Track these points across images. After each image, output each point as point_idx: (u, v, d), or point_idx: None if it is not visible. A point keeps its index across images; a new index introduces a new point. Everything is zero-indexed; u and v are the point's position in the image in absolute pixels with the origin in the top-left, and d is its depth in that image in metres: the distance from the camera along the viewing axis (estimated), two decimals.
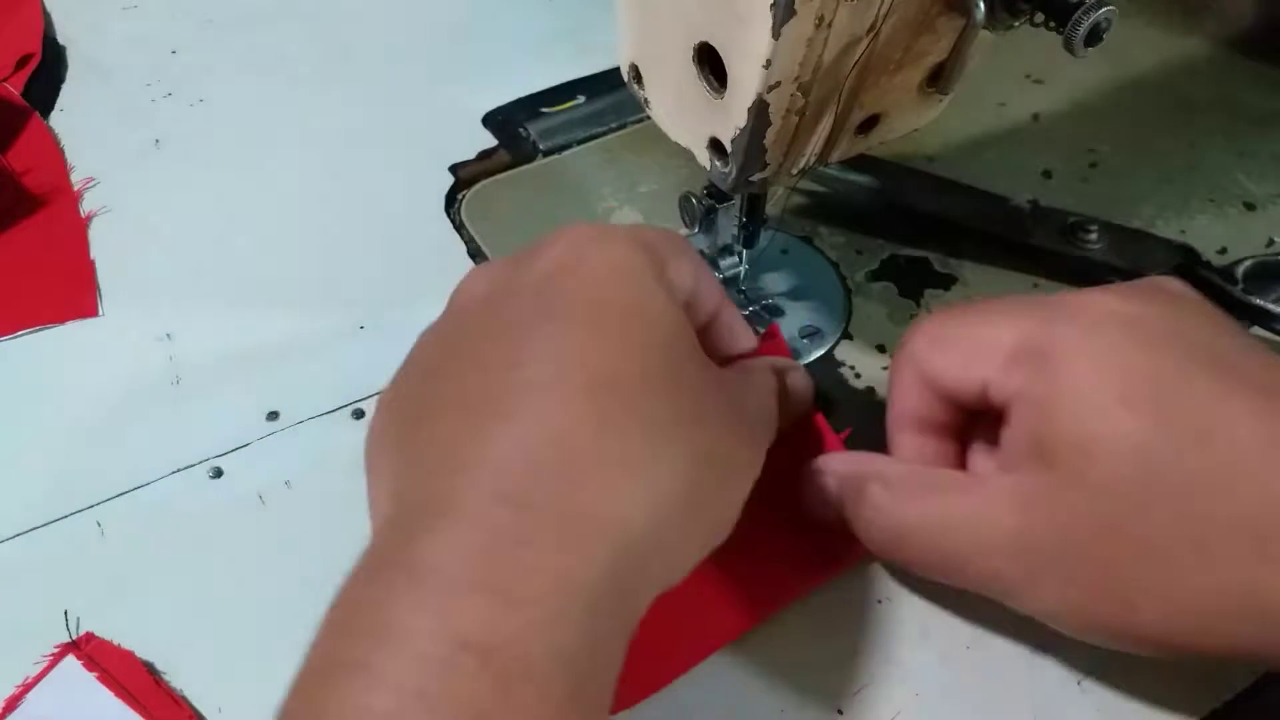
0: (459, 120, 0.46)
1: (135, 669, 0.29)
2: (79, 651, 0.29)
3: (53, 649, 0.30)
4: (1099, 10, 0.24)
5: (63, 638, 0.30)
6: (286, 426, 0.35)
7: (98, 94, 0.48)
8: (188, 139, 0.46)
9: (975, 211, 0.41)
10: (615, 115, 0.47)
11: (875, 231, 0.42)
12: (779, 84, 0.26)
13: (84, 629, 0.30)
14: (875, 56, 0.27)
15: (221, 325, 0.39)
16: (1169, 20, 0.52)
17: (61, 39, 0.51)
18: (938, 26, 0.27)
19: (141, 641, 0.30)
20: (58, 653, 0.29)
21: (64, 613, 0.30)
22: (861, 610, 0.31)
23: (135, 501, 0.33)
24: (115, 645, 0.30)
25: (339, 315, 0.39)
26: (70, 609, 0.31)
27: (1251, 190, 0.44)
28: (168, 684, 0.29)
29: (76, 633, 0.30)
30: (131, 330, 0.38)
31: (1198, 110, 0.48)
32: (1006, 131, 0.46)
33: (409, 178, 0.44)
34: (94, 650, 0.29)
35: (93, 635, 0.30)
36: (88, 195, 0.43)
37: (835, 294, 0.39)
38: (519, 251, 0.28)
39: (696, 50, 0.28)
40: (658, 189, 0.44)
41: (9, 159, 0.44)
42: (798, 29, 0.25)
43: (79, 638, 0.30)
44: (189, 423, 0.35)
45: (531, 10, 0.53)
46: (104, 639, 0.30)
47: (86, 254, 0.41)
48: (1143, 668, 0.30)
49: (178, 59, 0.50)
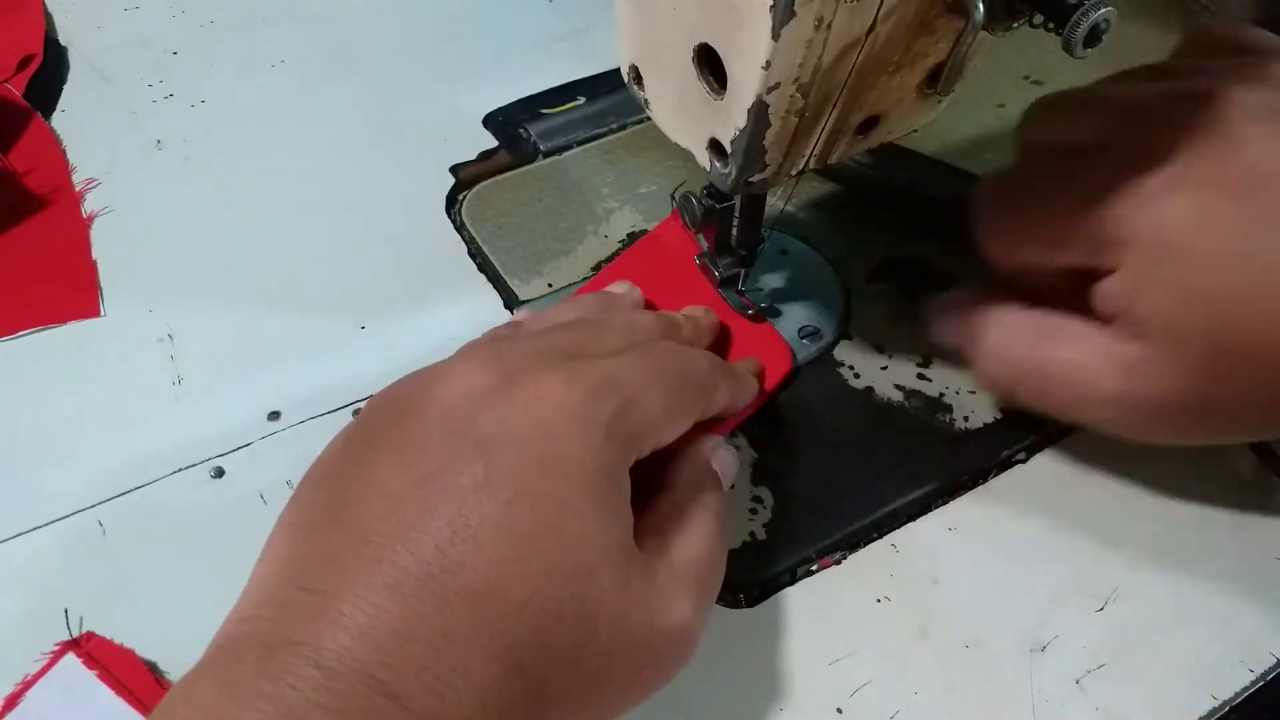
0: (459, 121, 0.47)
1: (135, 667, 0.29)
2: (79, 650, 0.29)
3: (53, 647, 0.30)
4: (1098, 11, 0.25)
5: (64, 636, 0.30)
6: (288, 426, 0.36)
7: (99, 95, 0.48)
8: (189, 140, 0.46)
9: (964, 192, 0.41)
10: (615, 116, 0.47)
11: (870, 217, 0.42)
12: (778, 85, 0.26)
13: (85, 628, 0.30)
14: (874, 58, 0.27)
15: (223, 325, 0.39)
16: (1167, 21, 0.52)
17: (63, 40, 0.51)
18: (937, 27, 0.27)
19: (143, 640, 0.30)
20: (57, 651, 0.30)
21: (64, 611, 0.31)
22: (861, 609, 0.31)
23: (137, 501, 0.34)
24: (115, 643, 0.30)
25: (340, 315, 0.39)
26: (71, 608, 0.31)
27: None
28: (169, 683, 0.29)
29: (78, 631, 0.30)
30: (133, 330, 0.38)
31: None
32: (1005, 132, 0.46)
33: (410, 178, 0.44)
34: (94, 648, 0.30)
35: (93, 634, 0.30)
36: (89, 196, 0.43)
37: (834, 294, 0.40)
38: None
39: (696, 51, 0.28)
40: (658, 190, 0.44)
41: (11, 159, 0.44)
42: (797, 30, 0.25)
43: (79, 636, 0.30)
44: (190, 423, 0.36)
45: (531, 11, 0.53)
46: (104, 637, 0.30)
47: (88, 254, 0.41)
48: (1140, 667, 0.30)
49: (179, 60, 0.50)
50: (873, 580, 0.32)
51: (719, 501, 0.29)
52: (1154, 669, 0.30)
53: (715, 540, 0.28)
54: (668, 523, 0.27)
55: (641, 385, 0.27)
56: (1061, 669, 0.30)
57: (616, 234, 0.42)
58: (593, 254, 0.41)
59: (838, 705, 0.29)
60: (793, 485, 0.34)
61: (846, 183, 0.43)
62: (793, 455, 0.34)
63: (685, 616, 0.26)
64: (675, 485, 0.28)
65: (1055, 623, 0.31)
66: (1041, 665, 0.30)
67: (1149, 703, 0.29)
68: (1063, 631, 0.31)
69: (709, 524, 0.28)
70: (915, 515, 0.33)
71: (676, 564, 0.26)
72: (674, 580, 0.26)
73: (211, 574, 0.32)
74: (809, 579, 0.32)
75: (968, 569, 0.32)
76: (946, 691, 0.30)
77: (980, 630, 0.31)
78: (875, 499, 0.34)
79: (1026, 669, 0.30)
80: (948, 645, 0.30)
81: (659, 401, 0.27)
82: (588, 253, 0.41)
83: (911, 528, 0.33)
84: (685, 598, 0.26)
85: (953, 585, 0.32)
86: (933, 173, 0.43)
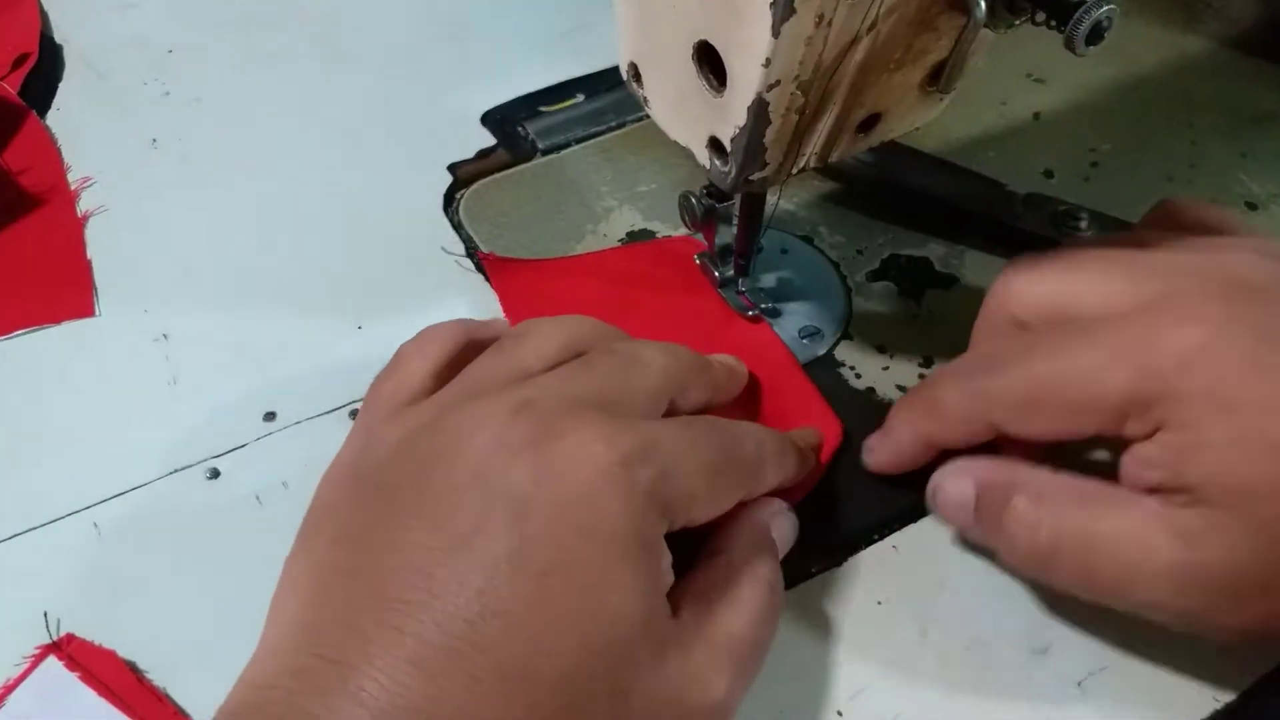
0: (457, 119, 0.46)
1: (118, 669, 0.29)
2: (59, 652, 0.29)
3: (33, 650, 0.29)
4: (1100, 9, 0.24)
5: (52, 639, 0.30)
6: (284, 427, 0.35)
7: (95, 93, 0.48)
8: (185, 138, 0.46)
9: (966, 192, 0.41)
10: (614, 114, 0.47)
11: (871, 211, 0.42)
12: (779, 83, 0.26)
13: (84, 630, 0.30)
14: (875, 55, 0.27)
15: (218, 325, 0.38)
16: (1170, 19, 0.52)
17: (59, 38, 0.51)
18: (938, 25, 0.27)
19: (140, 643, 0.30)
20: (38, 654, 0.29)
21: (43, 613, 0.30)
22: (861, 611, 0.31)
23: (132, 502, 0.33)
24: (95, 645, 0.29)
25: (336, 315, 0.39)
26: (67, 610, 0.30)
27: (1253, 189, 0.44)
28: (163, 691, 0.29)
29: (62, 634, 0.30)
30: (128, 330, 0.38)
31: (1199, 109, 0.47)
32: (1007, 130, 0.46)
33: (407, 177, 0.44)
34: (74, 650, 0.29)
35: (73, 636, 0.30)
36: (85, 195, 0.43)
37: (835, 294, 0.39)
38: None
39: (696, 49, 0.28)
40: (657, 188, 0.44)
41: (6, 158, 0.44)
42: (797, 27, 0.25)
43: (59, 638, 0.30)
44: (186, 423, 0.35)
45: (531, 10, 0.53)
46: (84, 639, 0.30)
47: (83, 254, 0.41)
48: (1141, 669, 0.30)
49: (175, 58, 0.50)
50: (873, 582, 0.32)
51: (773, 574, 0.27)
52: (1156, 672, 0.30)
53: (763, 615, 0.26)
54: (715, 592, 0.26)
55: (683, 455, 0.25)
56: (1063, 671, 0.30)
57: (615, 232, 0.42)
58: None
59: (838, 708, 0.29)
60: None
61: (848, 181, 0.43)
62: None
63: (718, 696, 0.24)
64: (729, 550, 0.27)
65: (1056, 625, 0.31)
66: (1043, 667, 0.30)
67: (1151, 705, 0.29)
68: (1064, 634, 0.30)
69: (758, 597, 0.26)
70: (916, 517, 0.33)
71: (717, 639, 0.25)
72: (712, 657, 0.24)
73: (208, 575, 0.32)
74: (809, 580, 0.32)
75: (969, 571, 0.32)
76: (947, 694, 0.29)
77: (981, 632, 0.30)
78: (876, 500, 0.33)
79: (1027, 671, 0.30)
80: (949, 647, 0.30)
81: (701, 477, 0.26)
82: (586, 251, 0.41)
83: (913, 529, 0.33)
84: (721, 676, 0.24)
85: (954, 587, 0.31)
86: (934, 171, 0.43)
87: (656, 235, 0.41)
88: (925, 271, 0.40)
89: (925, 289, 0.40)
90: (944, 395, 0.30)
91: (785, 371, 0.36)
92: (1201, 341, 0.25)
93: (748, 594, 0.26)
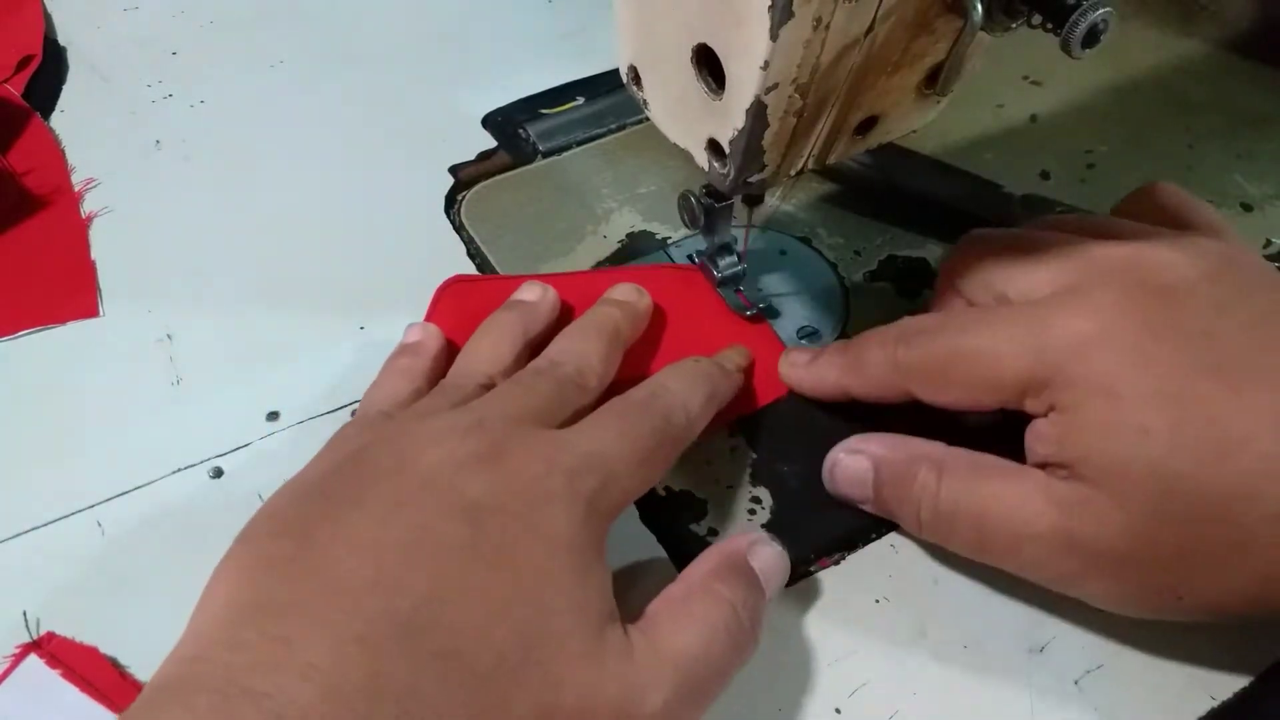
0: (459, 122, 0.47)
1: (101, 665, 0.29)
2: (40, 650, 0.29)
3: (14, 649, 0.30)
4: (1096, 11, 0.25)
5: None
6: (287, 427, 0.36)
7: (98, 95, 0.48)
8: (188, 140, 0.46)
9: (964, 193, 0.42)
10: (614, 116, 0.47)
11: (869, 213, 0.42)
12: (777, 85, 0.26)
13: (84, 630, 0.30)
14: (873, 58, 0.27)
15: (222, 325, 0.39)
16: (1167, 21, 0.52)
17: (62, 40, 0.51)
18: (935, 28, 0.27)
19: (140, 643, 0.30)
20: (18, 653, 0.29)
21: (22, 613, 0.30)
22: (860, 610, 0.31)
23: (135, 502, 0.34)
24: (77, 642, 0.30)
25: (339, 316, 0.39)
26: (66, 609, 0.31)
27: (1249, 191, 0.44)
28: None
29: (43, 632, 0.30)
30: (132, 331, 0.38)
31: (1195, 111, 0.48)
32: (1004, 132, 0.47)
33: (409, 179, 0.44)
34: (55, 648, 0.29)
35: (54, 634, 0.30)
36: (88, 196, 0.43)
37: (833, 294, 0.40)
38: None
39: (695, 52, 0.28)
40: (657, 190, 0.44)
41: (10, 160, 0.44)
42: (795, 30, 0.25)
43: (40, 637, 0.30)
44: (189, 423, 0.36)
45: (531, 11, 0.53)
46: (65, 637, 0.30)
47: (87, 254, 0.41)
48: (1138, 667, 0.30)
49: (178, 60, 0.50)
50: (872, 580, 0.32)
51: (738, 595, 0.27)
52: (1153, 670, 0.30)
53: (718, 634, 0.26)
54: (670, 609, 0.27)
55: (620, 457, 0.27)
56: (1060, 669, 0.30)
57: (615, 234, 0.42)
58: (592, 254, 0.41)
59: (836, 705, 0.29)
60: (792, 485, 0.34)
61: (846, 183, 0.43)
62: (792, 455, 0.34)
63: (654, 708, 0.24)
64: (693, 572, 0.28)
65: (1054, 623, 0.31)
66: (1040, 665, 0.30)
67: (1147, 703, 0.29)
68: (1061, 632, 0.31)
69: (713, 616, 0.26)
70: None
71: (660, 649, 0.25)
72: (653, 666, 0.25)
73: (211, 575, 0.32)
74: (808, 579, 0.32)
75: (967, 569, 0.32)
76: (945, 692, 0.30)
77: (979, 630, 0.31)
78: None
79: (1025, 669, 0.30)
80: (946, 645, 0.30)
81: (636, 470, 0.28)
82: (587, 253, 0.41)
83: None
84: (659, 688, 0.24)
85: (952, 585, 0.32)
86: (932, 173, 0.43)
87: (656, 236, 0.42)
88: (922, 272, 0.40)
89: (922, 290, 0.40)
90: (868, 357, 0.32)
91: None
92: (1093, 332, 0.27)
93: (701, 611, 0.26)
